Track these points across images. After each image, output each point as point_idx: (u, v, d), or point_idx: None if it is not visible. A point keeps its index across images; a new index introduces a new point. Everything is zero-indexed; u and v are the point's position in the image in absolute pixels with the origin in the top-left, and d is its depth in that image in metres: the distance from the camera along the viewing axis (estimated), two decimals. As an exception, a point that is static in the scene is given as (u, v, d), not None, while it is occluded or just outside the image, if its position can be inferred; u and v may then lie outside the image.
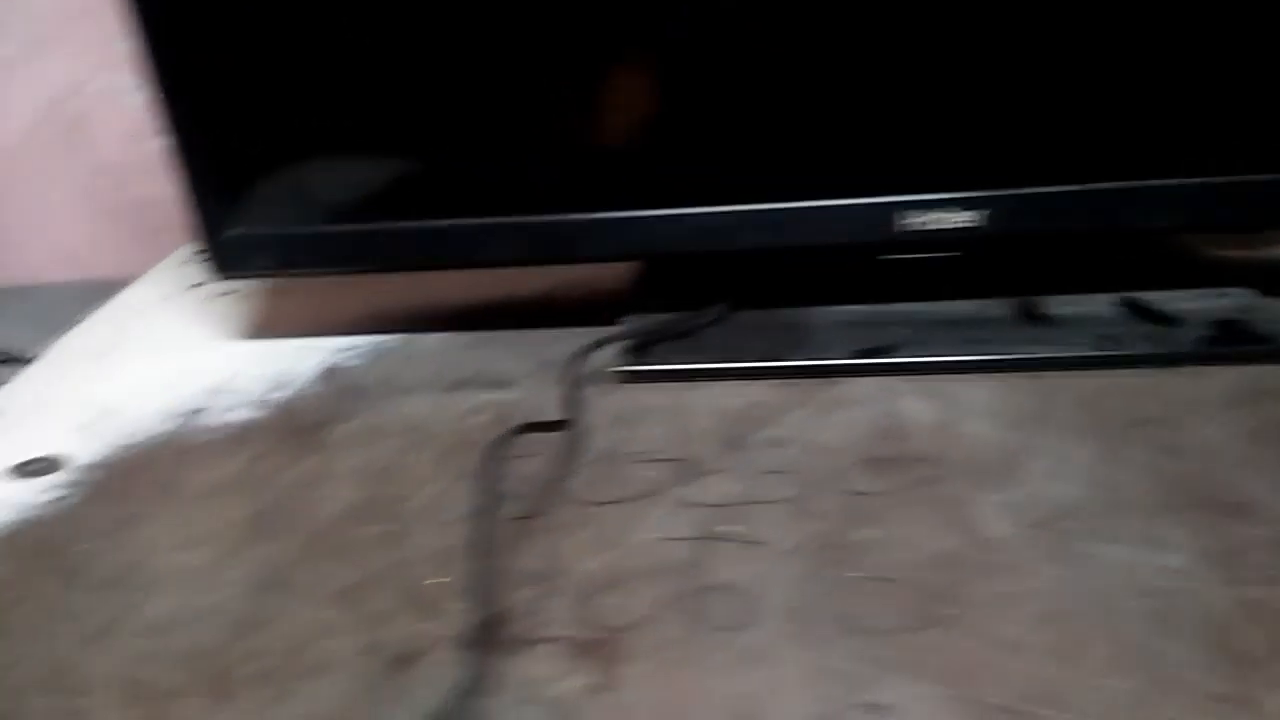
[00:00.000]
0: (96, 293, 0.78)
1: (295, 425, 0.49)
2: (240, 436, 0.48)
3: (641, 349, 0.52)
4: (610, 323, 0.56)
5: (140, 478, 0.46)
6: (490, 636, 0.34)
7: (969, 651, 0.33)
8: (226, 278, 0.54)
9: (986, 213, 0.49)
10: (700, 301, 0.55)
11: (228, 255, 0.53)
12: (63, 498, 0.45)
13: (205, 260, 0.53)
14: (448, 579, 0.37)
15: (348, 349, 0.56)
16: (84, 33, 0.76)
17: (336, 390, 0.52)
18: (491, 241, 0.52)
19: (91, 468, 0.47)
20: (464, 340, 0.56)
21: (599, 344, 0.51)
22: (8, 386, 0.57)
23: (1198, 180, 0.48)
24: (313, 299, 0.63)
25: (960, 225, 0.49)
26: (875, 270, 0.55)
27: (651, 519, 0.40)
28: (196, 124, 0.50)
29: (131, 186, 0.80)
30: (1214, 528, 0.37)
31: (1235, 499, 0.39)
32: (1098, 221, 0.49)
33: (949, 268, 0.54)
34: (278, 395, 0.52)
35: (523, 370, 0.52)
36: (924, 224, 0.49)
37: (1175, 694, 0.30)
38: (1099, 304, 0.53)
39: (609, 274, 0.63)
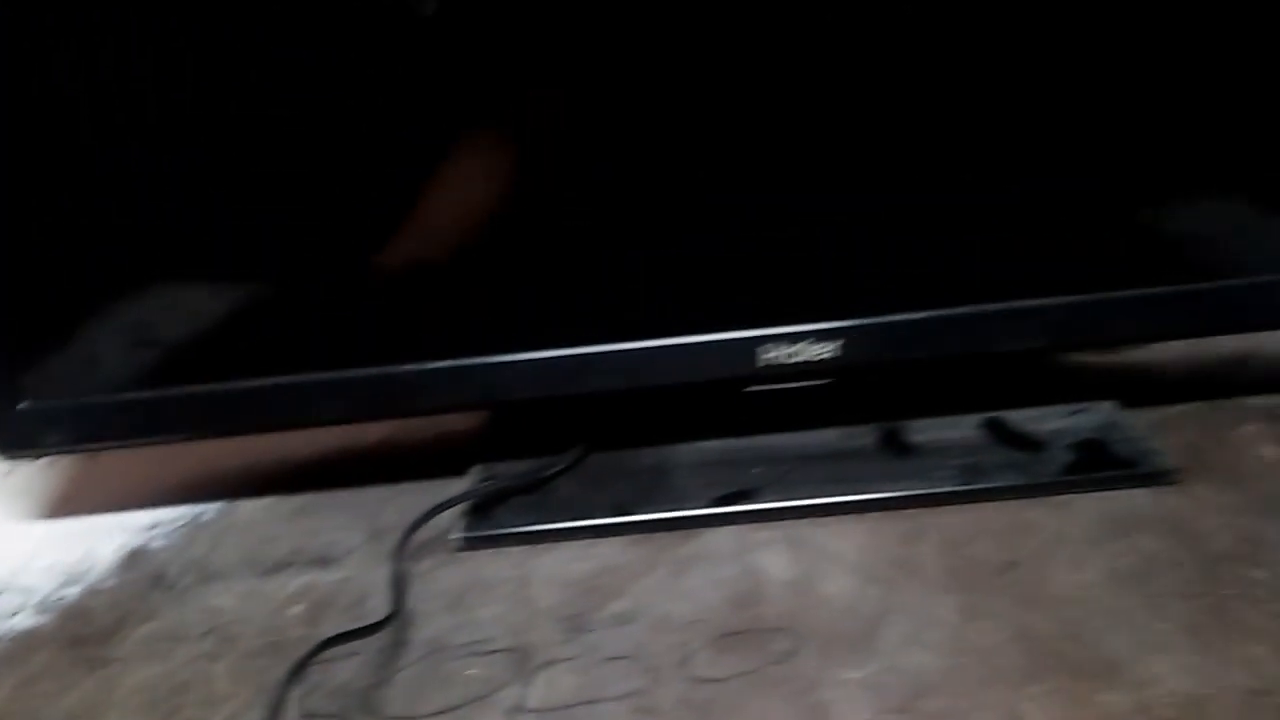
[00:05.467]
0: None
1: (82, 633, 0.43)
2: (15, 652, 0.42)
3: (484, 509, 0.48)
4: (461, 472, 0.52)
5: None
6: None
7: None
8: (11, 458, 0.48)
9: (840, 343, 0.47)
10: (557, 443, 0.51)
11: (16, 433, 0.48)
12: None
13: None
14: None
15: (157, 526, 0.51)
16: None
17: (137, 581, 0.46)
18: (315, 400, 0.48)
19: None
20: (291, 506, 0.51)
21: (434, 511, 0.46)
22: None
23: (1049, 301, 0.47)
24: (122, 466, 0.57)
25: (819, 358, 0.47)
26: (739, 403, 0.52)
27: (475, 734, 0.35)
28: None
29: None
30: (1077, 698, 0.35)
31: (1099, 659, 0.36)
32: (953, 346, 0.48)
33: (814, 396, 0.51)
34: (69, 592, 0.46)
35: (351, 542, 0.47)
36: (782, 358, 0.47)
37: None
38: (964, 427, 0.51)
39: (458, 416, 0.59)
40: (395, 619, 0.39)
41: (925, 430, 0.51)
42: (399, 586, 0.41)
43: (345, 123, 0.45)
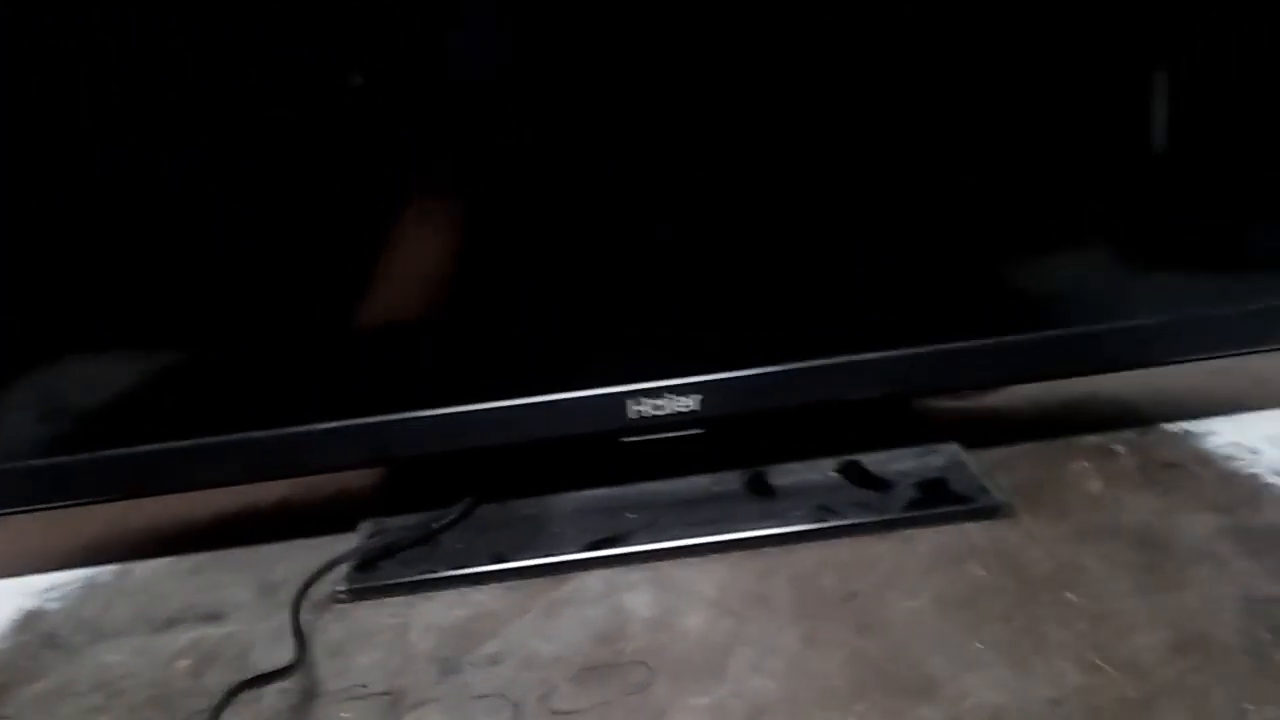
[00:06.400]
0: None
1: (-28, 693, 0.44)
2: (-96, 715, 0.43)
3: (371, 564, 0.50)
4: (352, 528, 0.54)
5: None
6: None
7: None
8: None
9: (699, 397, 0.51)
10: (447, 496, 0.54)
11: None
12: None
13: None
14: None
15: (53, 589, 0.52)
16: None
17: (30, 642, 0.48)
18: (205, 463, 0.50)
19: None
20: (186, 565, 0.53)
21: (330, 565, 0.49)
22: None
23: (891, 353, 0.52)
24: (21, 532, 0.58)
25: (683, 410, 0.51)
26: (616, 452, 0.56)
27: (345, 771, 0.38)
28: None
29: None
30: (897, 714, 0.38)
31: (920, 677, 0.40)
32: (803, 397, 0.52)
33: (688, 446, 0.55)
34: (-39, 656, 0.47)
35: (241, 598, 0.50)
36: (649, 411, 0.51)
37: None
38: (823, 469, 0.55)
39: (354, 472, 0.61)
40: (302, 663, 0.42)
41: (788, 474, 0.55)
42: (300, 634, 0.44)
43: (242, 200, 0.48)
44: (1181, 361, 0.56)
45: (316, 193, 0.48)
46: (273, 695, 0.42)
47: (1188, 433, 0.58)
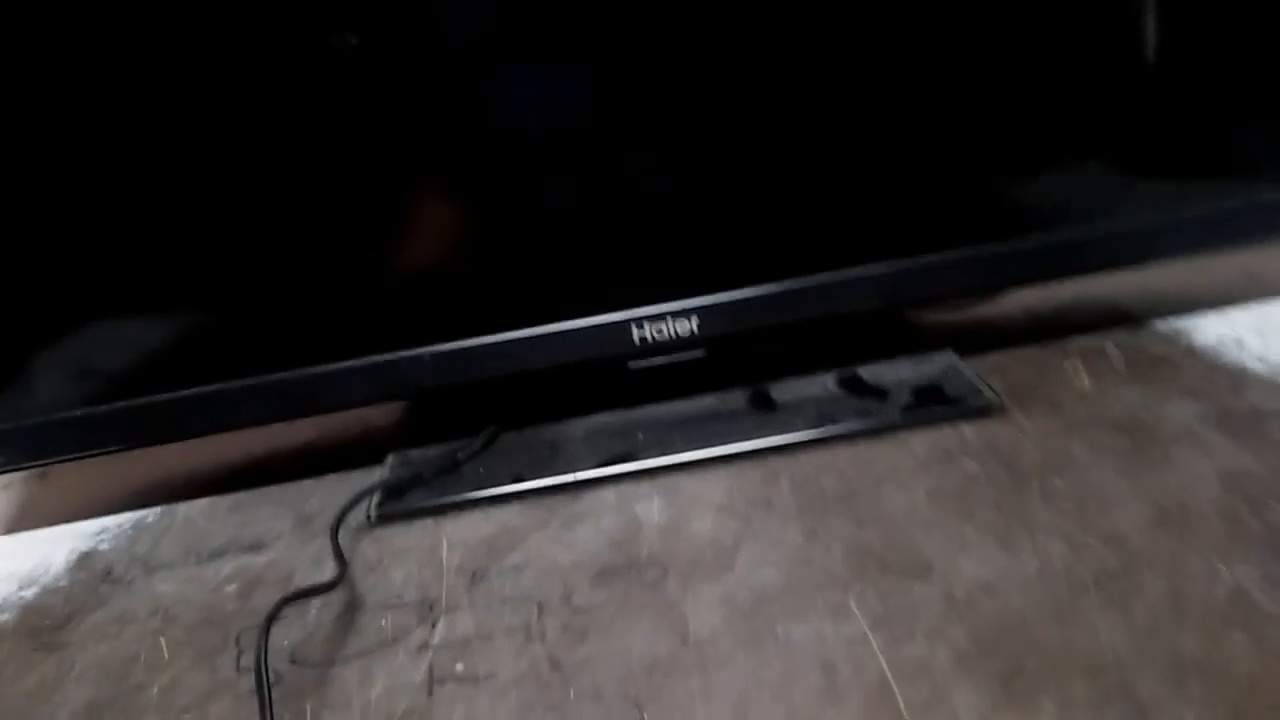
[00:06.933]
0: None
1: (37, 625, 0.48)
2: (-21, 646, 0.47)
3: (400, 491, 0.53)
4: (380, 461, 0.57)
5: None
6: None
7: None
8: (-38, 480, 0.53)
9: (696, 319, 0.53)
10: (466, 428, 0.57)
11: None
12: None
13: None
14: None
15: (105, 531, 0.56)
16: None
17: (87, 578, 0.51)
18: (233, 406, 0.53)
19: None
20: (226, 503, 0.57)
21: (364, 493, 0.52)
22: None
23: (884, 265, 0.54)
24: (71, 482, 0.62)
25: (683, 333, 0.53)
26: (626, 379, 0.58)
27: (385, 669, 0.41)
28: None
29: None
30: (894, 592, 0.41)
31: (915, 560, 0.43)
32: (797, 314, 0.54)
33: (691, 369, 0.58)
34: (26, 593, 0.51)
35: (279, 529, 0.53)
36: (653, 335, 0.53)
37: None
38: (821, 383, 0.58)
39: (379, 410, 0.64)
40: (343, 579, 0.45)
41: (789, 389, 0.57)
42: (339, 553, 0.47)
43: (258, 151, 0.50)
44: (1169, 260, 0.57)
45: (328, 139, 0.50)
46: (317, 608, 0.45)
47: (1177, 329, 0.60)
